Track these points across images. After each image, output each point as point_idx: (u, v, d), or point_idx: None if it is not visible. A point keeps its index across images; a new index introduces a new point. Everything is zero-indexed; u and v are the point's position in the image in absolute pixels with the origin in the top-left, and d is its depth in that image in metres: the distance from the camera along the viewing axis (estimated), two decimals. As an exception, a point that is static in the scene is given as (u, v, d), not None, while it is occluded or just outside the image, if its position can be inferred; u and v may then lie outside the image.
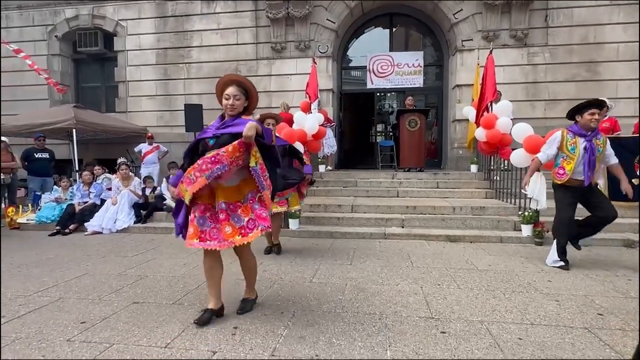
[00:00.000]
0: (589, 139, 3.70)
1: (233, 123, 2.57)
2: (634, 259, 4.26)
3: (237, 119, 2.59)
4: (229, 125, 2.56)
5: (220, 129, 2.56)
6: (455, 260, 4.21)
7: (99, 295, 3.15)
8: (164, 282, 3.49)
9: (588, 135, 3.70)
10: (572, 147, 3.76)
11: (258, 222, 2.51)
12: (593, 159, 3.69)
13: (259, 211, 2.53)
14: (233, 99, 2.56)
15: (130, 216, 6.35)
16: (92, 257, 4.53)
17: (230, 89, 2.58)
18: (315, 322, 2.60)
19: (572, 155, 3.74)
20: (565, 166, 3.80)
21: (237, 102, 2.58)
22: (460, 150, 9.01)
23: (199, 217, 2.51)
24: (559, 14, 8.65)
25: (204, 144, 2.55)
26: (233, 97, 2.56)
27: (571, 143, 3.76)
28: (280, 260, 4.27)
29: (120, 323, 2.59)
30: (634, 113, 8.06)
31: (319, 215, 6.06)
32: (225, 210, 2.49)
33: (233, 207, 2.52)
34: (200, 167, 2.40)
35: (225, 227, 2.47)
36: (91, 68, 11.04)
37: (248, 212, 2.53)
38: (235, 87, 2.58)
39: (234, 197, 2.53)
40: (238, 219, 2.51)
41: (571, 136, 3.79)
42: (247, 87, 2.64)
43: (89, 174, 7.01)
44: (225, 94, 2.59)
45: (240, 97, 2.59)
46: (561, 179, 3.84)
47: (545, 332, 2.44)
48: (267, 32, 9.51)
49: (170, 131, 9.92)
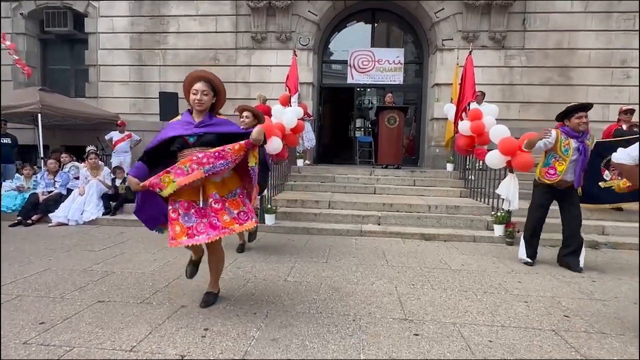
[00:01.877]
0: (581, 139, 3.73)
1: (213, 122, 2.60)
2: (598, 260, 4.43)
3: (215, 118, 2.64)
4: (209, 124, 2.58)
5: (200, 127, 2.55)
6: (430, 259, 4.25)
7: (61, 293, 2.99)
8: (132, 279, 3.36)
9: (580, 137, 3.74)
10: (565, 149, 3.75)
11: (250, 215, 2.58)
12: (586, 160, 3.77)
13: (249, 205, 2.62)
14: (201, 94, 2.56)
15: (99, 207, 6.10)
16: (56, 250, 4.32)
17: (200, 84, 2.58)
18: (289, 323, 2.55)
19: (565, 157, 3.75)
20: (557, 167, 3.81)
21: (205, 97, 2.58)
22: (437, 149, 9.12)
23: (184, 215, 2.50)
24: (536, 19, 8.84)
25: (182, 141, 2.52)
26: (201, 92, 2.57)
27: (565, 144, 3.76)
28: (255, 257, 4.19)
29: (83, 324, 2.46)
30: (602, 118, 8.37)
31: (296, 210, 6.00)
32: (220, 200, 2.52)
33: (223, 200, 2.54)
34: (200, 160, 2.40)
35: (223, 215, 2.50)
36: (59, 49, 10.47)
37: (238, 206, 2.58)
38: (204, 83, 2.58)
39: (223, 191, 2.56)
40: (229, 211, 2.54)
41: (564, 137, 3.78)
42: (215, 84, 2.64)
43: (55, 161, 6.66)
44: (193, 89, 2.58)
45: (209, 93, 2.59)
46: (551, 179, 3.85)
47: (515, 335, 2.48)
48: (248, 22, 9.28)
49: (143, 119, 9.57)
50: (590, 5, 8.69)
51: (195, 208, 2.52)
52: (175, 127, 2.59)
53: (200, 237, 2.45)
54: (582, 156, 3.74)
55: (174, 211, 2.50)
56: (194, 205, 2.52)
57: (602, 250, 4.98)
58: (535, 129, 4.11)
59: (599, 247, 5.04)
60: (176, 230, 2.47)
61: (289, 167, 7.71)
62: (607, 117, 8.42)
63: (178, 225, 2.47)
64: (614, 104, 8.45)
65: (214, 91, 2.63)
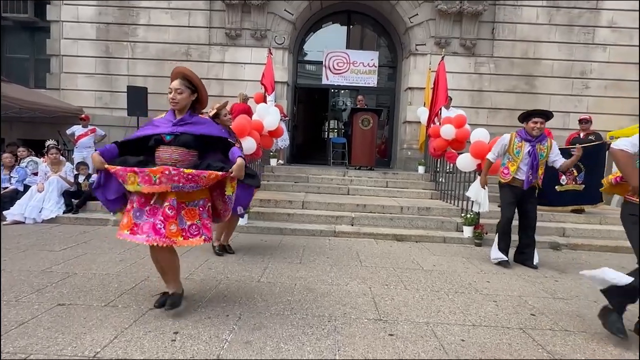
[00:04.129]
0: (533, 144, 4.00)
1: (193, 121, 2.53)
2: (560, 261, 4.64)
3: (195, 117, 2.57)
4: (188, 122, 2.51)
5: (178, 126, 2.49)
6: (402, 260, 4.30)
7: (16, 296, 2.79)
8: (96, 281, 3.18)
9: (533, 141, 4.00)
10: (517, 150, 4.07)
11: (203, 231, 2.47)
12: (535, 163, 4.00)
13: (206, 221, 2.52)
14: (174, 93, 2.52)
15: (60, 205, 5.77)
16: (11, 250, 4.03)
17: (175, 83, 2.53)
18: (263, 325, 2.50)
19: (516, 158, 4.07)
20: (509, 167, 4.14)
21: (179, 96, 2.52)
22: (409, 151, 9.30)
23: (137, 209, 2.43)
24: (505, 28, 9.19)
25: (159, 139, 2.46)
26: (175, 91, 2.52)
27: (517, 146, 4.07)
28: (227, 257, 4.09)
29: (41, 329, 2.30)
30: (563, 126, 8.81)
31: (269, 210, 5.92)
32: (176, 208, 2.40)
33: (179, 207, 2.43)
34: (171, 177, 2.31)
35: (170, 224, 2.37)
36: (18, 37, 9.89)
37: (194, 217, 2.48)
38: (180, 81, 2.53)
39: (184, 197, 2.45)
40: (181, 220, 2.43)
41: (518, 140, 4.09)
42: (193, 81, 2.57)
43: (10, 156, 6.25)
44: (169, 87, 2.53)
45: (184, 91, 2.53)
46: (505, 178, 4.19)
47: (486, 333, 2.54)
48: (222, 17, 9.09)
49: (110, 114, 9.18)
50: (554, 18, 9.14)
51: (150, 206, 2.43)
52: (156, 124, 2.56)
53: (140, 236, 2.35)
54: (531, 159, 4.00)
55: (130, 202, 2.48)
56: (149, 202, 2.43)
57: (563, 251, 5.22)
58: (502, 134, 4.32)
59: (559, 248, 5.28)
60: (124, 221, 2.44)
61: (262, 166, 7.61)
62: (568, 125, 8.88)
63: (127, 217, 2.44)
64: (574, 113, 8.93)
65: (193, 89, 2.56)
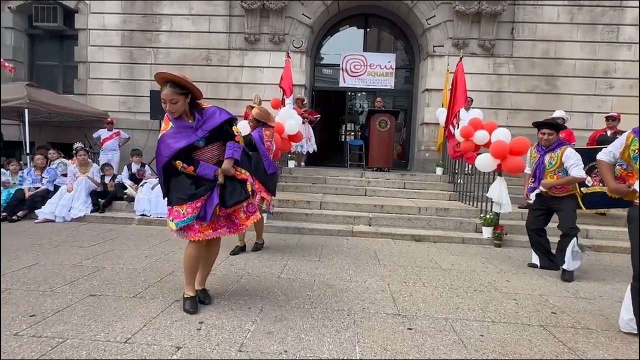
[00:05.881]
0: (542, 153, 4.07)
1: (206, 117, 2.56)
2: (583, 262, 4.54)
3: (203, 113, 2.56)
4: (205, 120, 2.55)
5: (200, 129, 2.51)
6: (421, 259, 4.31)
7: (51, 287, 2.95)
8: (124, 275, 3.32)
9: (542, 150, 4.07)
10: (532, 161, 4.21)
11: (254, 208, 2.78)
12: (539, 171, 4.06)
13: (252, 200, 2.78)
14: (169, 104, 2.41)
15: (87, 204, 6.00)
16: (44, 246, 4.24)
17: (166, 92, 2.38)
18: (284, 317, 2.56)
19: (531, 167, 4.22)
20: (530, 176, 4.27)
21: (175, 105, 2.41)
22: (427, 153, 9.25)
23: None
24: (524, 28, 9.07)
25: (193, 147, 2.52)
26: (169, 102, 2.40)
27: (533, 157, 4.20)
28: (248, 255, 4.19)
29: (75, 317, 2.43)
30: (586, 126, 8.62)
31: (288, 210, 6.01)
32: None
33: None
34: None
35: (240, 213, 2.66)
36: (48, 45, 10.31)
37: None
38: (171, 90, 2.38)
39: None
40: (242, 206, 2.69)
41: (535, 151, 4.20)
42: (182, 84, 2.41)
43: (42, 157, 6.54)
44: (162, 97, 2.41)
45: (178, 100, 2.40)
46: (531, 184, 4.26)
47: (505, 330, 2.54)
48: (241, 22, 9.29)
49: (133, 117, 9.47)
50: (576, 17, 8.97)
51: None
52: (177, 137, 2.46)
53: (221, 230, 2.62)
54: (534, 167, 4.10)
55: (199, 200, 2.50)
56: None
57: (586, 253, 5.11)
58: (522, 135, 4.32)
59: (583, 249, 5.15)
60: (203, 224, 2.53)
61: (280, 168, 7.71)
62: (591, 125, 8.66)
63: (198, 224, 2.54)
64: (597, 113, 8.72)
65: (185, 92, 2.44)
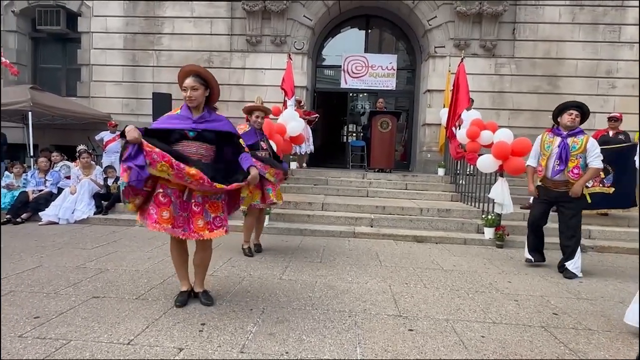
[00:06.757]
0: (565, 137, 3.90)
1: (212, 118, 2.63)
2: (585, 263, 4.52)
3: (213, 114, 2.67)
4: (208, 120, 2.61)
5: (199, 123, 2.58)
6: (422, 260, 4.31)
7: (55, 289, 2.97)
8: (127, 276, 3.34)
9: (564, 135, 3.91)
10: (548, 145, 3.98)
11: (224, 223, 2.64)
12: (564, 153, 3.85)
13: (225, 213, 2.68)
14: (190, 91, 2.55)
15: (90, 206, 6.04)
16: (47, 248, 4.27)
17: (188, 80, 2.56)
18: (285, 319, 2.58)
19: (547, 152, 3.98)
20: (542, 163, 4.05)
21: (195, 93, 2.56)
22: (429, 154, 9.25)
23: (175, 202, 2.54)
24: (526, 28, 9.07)
25: (182, 134, 2.54)
26: (191, 89, 2.55)
27: (548, 142, 3.98)
28: (249, 257, 4.20)
29: (78, 318, 2.45)
30: (588, 126, 8.46)
31: (289, 212, 6.02)
32: (201, 204, 2.56)
33: (204, 201, 2.58)
34: (202, 185, 2.44)
35: (198, 220, 2.54)
36: (51, 48, 10.38)
37: (217, 210, 2.63)
38: (193, 78, 2.56)
39: (208, 192, 2.58)
40: (206, 214, 2.59)
41: (550, 136, 4.01)
42: (206, 77, 2.61)
43: (46, 160, 6.59)
44: (183, 86, 2.58)
45: (199, 88, 2.57)
46: (540, 175, 4.11)
47: (506, 331, 2.55)
48: (243, 24, 9.33)
49: (136, 120, 9.48)
50: (577, 17, 8.96)
51: (180, 199, 2.55)
52: (174, 121, 2.59)
53: (178, 230, 2.52)
54: (560, 149, 3.87)
55: (164, 195, 2.51)
56: (181, 195, 2.55)
57: (589, 253, 5.10)
58: (524, 136, 4.27)
59: (585, 250, 5.15)
60: (163, 215, 2.48)
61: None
62: (593, 125, 8.59)
63: (167, 211, 2.49)
64: (599, 113, 8.68)
65: (206, 84, 2.61)
